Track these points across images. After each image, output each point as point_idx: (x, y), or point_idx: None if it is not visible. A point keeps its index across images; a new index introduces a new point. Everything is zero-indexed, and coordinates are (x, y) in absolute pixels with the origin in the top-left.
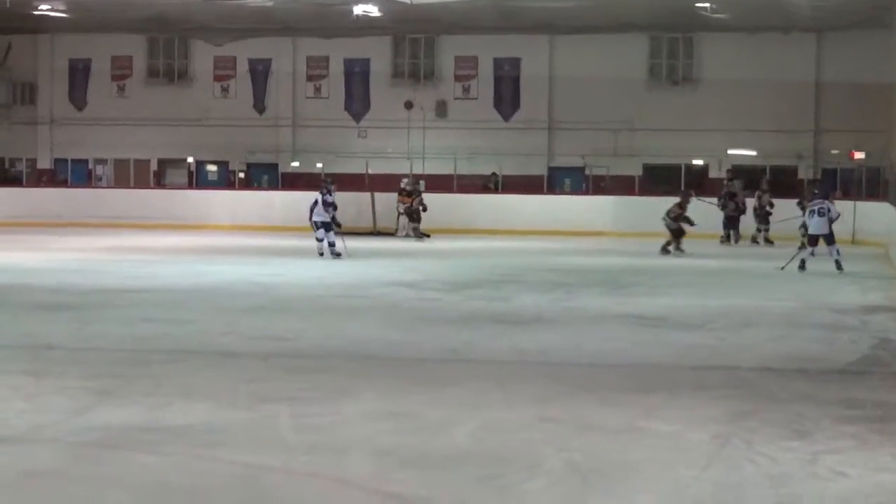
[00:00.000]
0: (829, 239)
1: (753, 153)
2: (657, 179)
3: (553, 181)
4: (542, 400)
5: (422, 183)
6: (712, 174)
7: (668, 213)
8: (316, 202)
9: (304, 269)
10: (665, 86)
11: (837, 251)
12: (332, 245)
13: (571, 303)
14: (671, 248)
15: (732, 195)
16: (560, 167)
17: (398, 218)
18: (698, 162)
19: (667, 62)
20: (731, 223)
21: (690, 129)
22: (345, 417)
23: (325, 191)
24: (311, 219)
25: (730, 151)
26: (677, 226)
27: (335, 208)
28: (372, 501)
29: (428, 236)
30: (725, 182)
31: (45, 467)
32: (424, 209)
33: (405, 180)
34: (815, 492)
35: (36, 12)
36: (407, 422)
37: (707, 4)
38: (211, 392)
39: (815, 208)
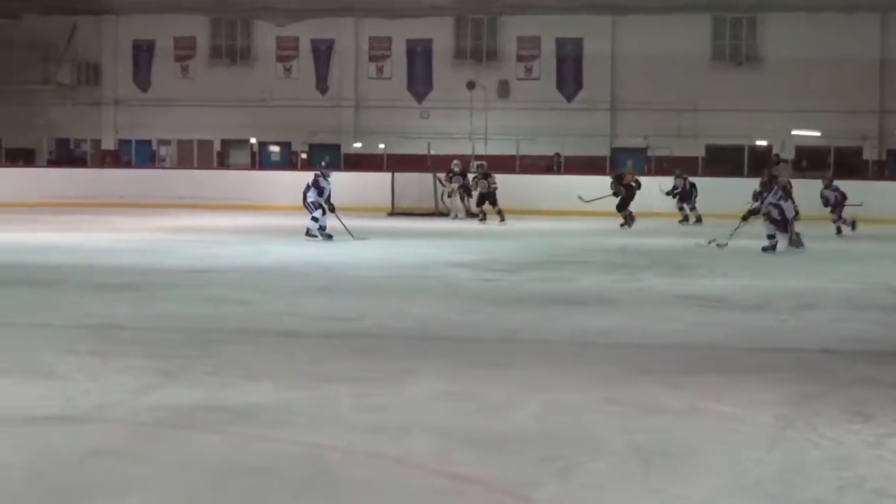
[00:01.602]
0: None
1: (817, 134)
2: (720, 160)
3: (615, 162)
4: (604, 381)
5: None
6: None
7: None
8: (308, 186)
9: (366, 250)
10: (728, 66)
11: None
12: (322, 228)
13: (633, 284)
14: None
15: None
16: (622, 148)
17: (446, 199)
18: (761, 143)
19: (730, 42)
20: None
21: (754, 109)
22: (406, 398)
23: (322, 176)
24: (305, 200)
25: (793, 132)
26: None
27: (328, 196)
28: (433, 481)
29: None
30: (770, 166)
31: (110, 447)
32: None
33: (456, 162)
34: (880, 474)
35: None
36: (469, 402)
37: None
38: (273, 372)
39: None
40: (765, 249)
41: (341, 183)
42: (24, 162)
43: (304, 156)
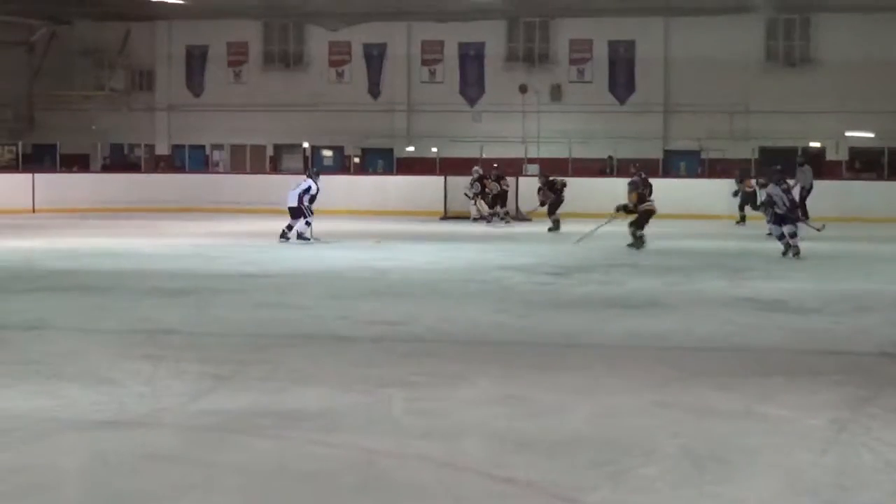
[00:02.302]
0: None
1: (871, 135)
2: (773, 162)
3: (668, 164)
4: (656, 385)
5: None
6: (829, 156)
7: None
8: (308, 189)
9: (418, 254)
10: (781, 67)
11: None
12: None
13: (686, 287)
14: None
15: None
16: (675, 150)
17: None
18: (815, 144)
19: (783, 43)
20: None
21: (807, 110)
22: (458, 402)
23: (315, 178)
24: (302, 203)
25: (847, 133)
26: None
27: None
28: (486, 486)
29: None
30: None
31: (164, 451)
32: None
33: (476, 168)
34: None
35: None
36: (520, 406)
37: None
38: (326, 376)
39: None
40: (790, 251)
41: (395, 186)
42: (78, 167)
43: (356, 160)
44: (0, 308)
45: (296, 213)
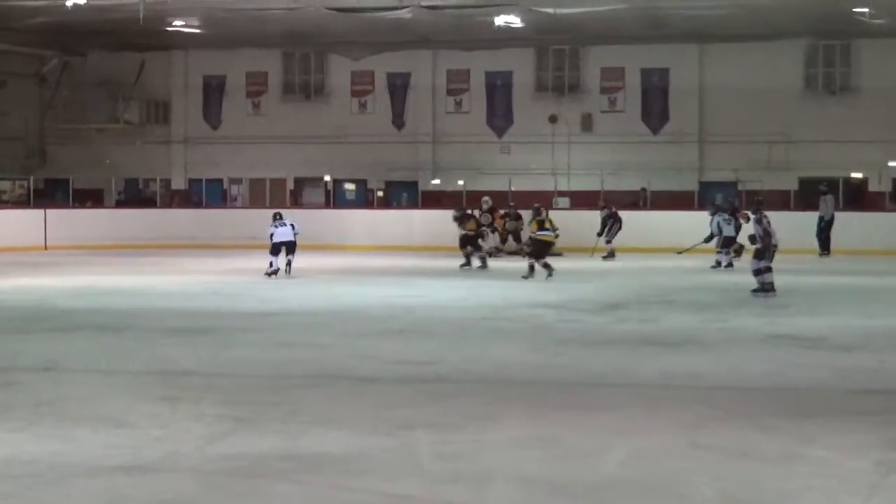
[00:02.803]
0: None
1: None
2: (814, 193)
3: (704, 196)
4: (694, 426)
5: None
6: (872, 187)
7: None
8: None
9: (446, 291)
10: (822, 95)
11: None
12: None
13: (724, 323)
14: None
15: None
16: (711, 182)
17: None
18: (857, 175)
19: (823, 70)
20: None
21: (849, 140)
22: (488, 444)
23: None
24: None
25: (890, 163)
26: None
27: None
28: None
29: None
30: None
31: (180, 497)
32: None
33: (485, 199)
34: None
35: (169, 28)
36: (553, 449)
37: (865, 10)
38: (350, 419)
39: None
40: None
41: (420, 221)
42: (92, 203)
43: (380, 194)
44: (12, 349)
45: (277, 249)
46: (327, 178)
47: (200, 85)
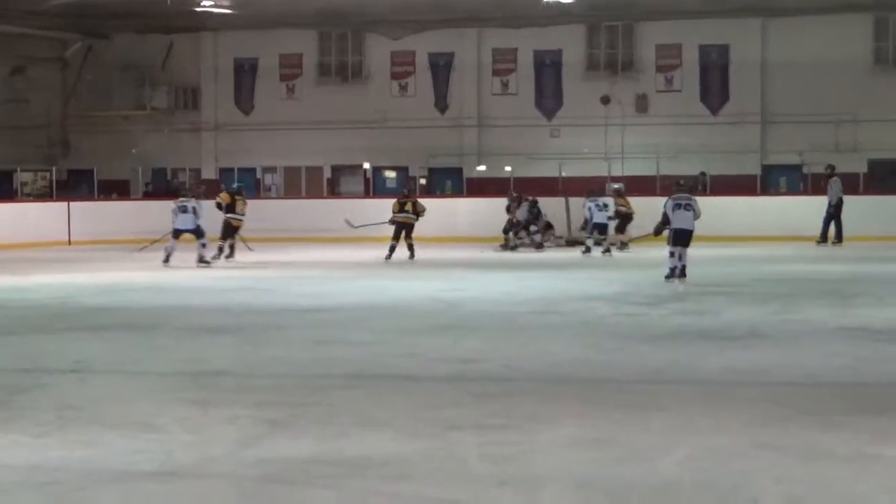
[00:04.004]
0: (689, 240)
1: None
2: (885, 176)
3: (767, 180)
4: (758, 424)
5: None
6: None
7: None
8: (193, 210)
9: (492, 283)
10: (892, 70)
11: (686, 256)
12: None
13: (789, 315)
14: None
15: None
16: (775, 165)
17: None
18: None
19: (893, 44)
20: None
21: None
22: (539, 446)
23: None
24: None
25: None
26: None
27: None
28: None
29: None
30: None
31: None
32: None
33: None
34: None
35: (198, 9)
36: (608, 450)
37: None
38: (392, 420)
39: (682, 202)
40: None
41: (465, 210)
42: (118, 195)
43: (423, 181)
44: (37, 349)
45: (199, 233)
46: (366, 165)
47: (231, 68)
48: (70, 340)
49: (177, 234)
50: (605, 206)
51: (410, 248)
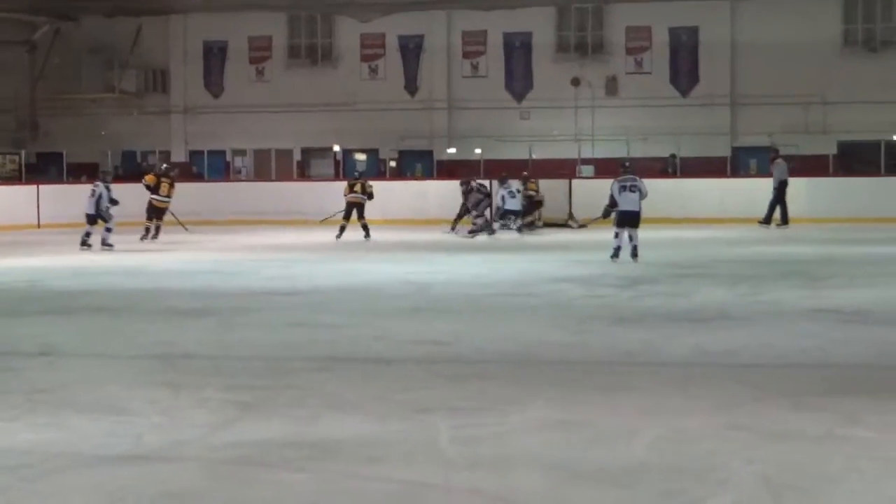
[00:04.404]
0: (637, 221)
1: None
2: (854, 158)
3: (737, 163)
4: (728, 406)
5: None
6: None
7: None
8: (100, 196)
9: (463, 266)
10: (861, 52)
11: (637, 236)
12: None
13: (760, 297)
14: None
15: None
16: (745, 147)
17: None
18: None
19: (863, 26)
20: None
21: (891, 100)
22: (510, 428)
23: (107, 184)
24: (101, 209)
25: None
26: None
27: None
28: None
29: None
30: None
31: (185, 488)
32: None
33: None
34: None
35: None
36: (579, 432)
37: None
38: (363, 403)
39: (627, 184)
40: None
41: (435, 192)
42: (87, 177)
43: (392, 164)
44: (5, 333)
45: (92, 219)
46: (336, 148)
47: (200, 51)
48: (39, 324)
49: (87, 218)
50: (518, 191)
51: (364, 227)
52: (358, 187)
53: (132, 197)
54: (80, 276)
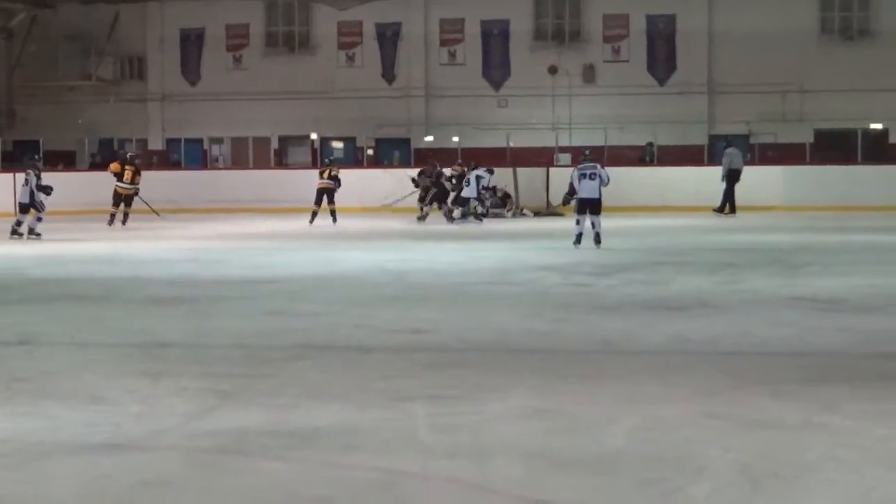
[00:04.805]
0: (598, 208)
1: None
2: (831, 147)
3: (714, 151)
4: (706, 394)
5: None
6: (893, 139)
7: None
8: (31, 183)
9: (441, 254)
10: (838, 41)
11: (600, 223)
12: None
13: (738, 285)
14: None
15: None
16: (722, 135)
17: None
18: (876, 126)
19: (840, 14)
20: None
21: (867, 88)
22: (489, 417)
23: (37, 172)
24: (35, 199)
25: None
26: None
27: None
28: None
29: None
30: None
31: (163, 477)
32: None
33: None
34: None
35: None
36: (557, 421)
37: None
38: (342, 391)
39: (587, 172)
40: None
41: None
42: (64, 165)
43: (370, 152)
44: None
45: (25, 208)
46: (314, 136)
47: (177, 38)
48: (17, 312)
49: (20, 207)
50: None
51: (332, 213)
52: (326, 173)
53: (101, 186)
54: (58, 264)
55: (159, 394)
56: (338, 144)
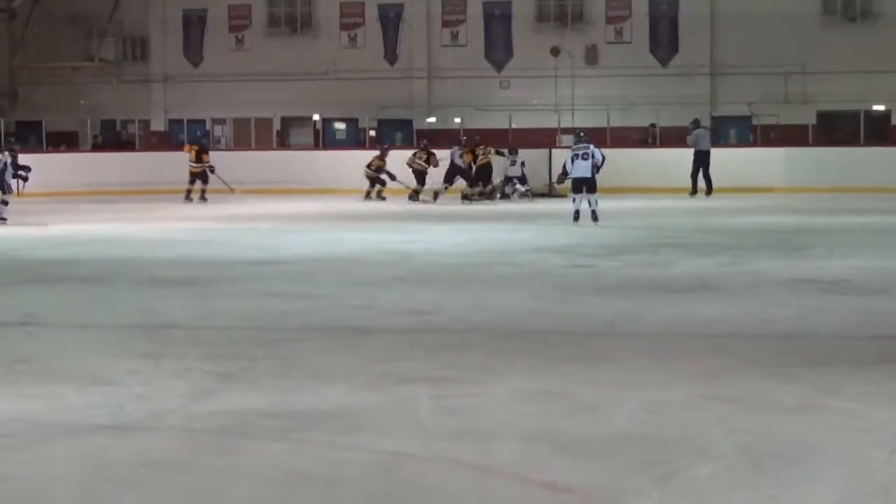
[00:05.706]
0: (592, 186)
1: None
2: (833, 128)
3: (717, 132)
4: (708, 376)
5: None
6: (895, 121)
7: (368, 166)
8: (5, 165)
9: (444, 236)
10: (841, 22)
11: (596, 201)
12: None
13: (739, 267)
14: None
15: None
16: (724, 116)
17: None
18: (879, 107)
19: None
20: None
21: (870, 70)
22: (491, 399)
23: (14, 153)
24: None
25: None
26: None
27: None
28: (522, 491)
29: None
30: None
31: (166, 458)
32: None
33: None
34: None
35: None
36: (559, 403)
37: None
38: (345, 373)
39: (579, 153)
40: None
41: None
42: (66, 146)
43: (372, 133)
44: None
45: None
46: (316, 117)
47: (180, 19)
48: (19, 294)
49: None
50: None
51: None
52: (423, 158)
53: (103, 167)
54: (60, 245)
55: (162, 375)
56: (340, 126)
